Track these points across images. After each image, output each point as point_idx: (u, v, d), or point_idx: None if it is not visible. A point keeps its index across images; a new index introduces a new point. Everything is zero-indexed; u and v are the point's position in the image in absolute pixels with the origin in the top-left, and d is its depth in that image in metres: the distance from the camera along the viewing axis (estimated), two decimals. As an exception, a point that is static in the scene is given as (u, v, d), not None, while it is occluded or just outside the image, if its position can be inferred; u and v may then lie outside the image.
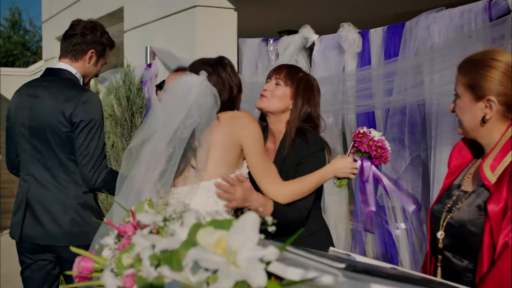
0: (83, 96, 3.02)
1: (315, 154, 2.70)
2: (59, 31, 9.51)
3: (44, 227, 3.06)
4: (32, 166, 3.11)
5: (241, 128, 2.47)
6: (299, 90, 2.80)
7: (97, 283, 1.38)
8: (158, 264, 1.11)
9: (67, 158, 3.05)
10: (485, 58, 1.89)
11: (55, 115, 3.01)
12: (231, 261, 1.00)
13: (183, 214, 1.25)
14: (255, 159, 2.51)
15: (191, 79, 2.44)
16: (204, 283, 1.01)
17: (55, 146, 3.04)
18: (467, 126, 1.94)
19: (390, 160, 4.03)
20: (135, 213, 1.37)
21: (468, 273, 1.88)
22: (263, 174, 2.53)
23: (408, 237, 4.20)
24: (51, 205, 3.06)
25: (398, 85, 3.85)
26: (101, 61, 3.31)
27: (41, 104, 3.07)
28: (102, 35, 3.26)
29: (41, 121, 3.05)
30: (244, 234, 1.01)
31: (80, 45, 3.21)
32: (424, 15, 3.72)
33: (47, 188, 3.07)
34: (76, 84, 3.15)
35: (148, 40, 6.10)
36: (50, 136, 3.03)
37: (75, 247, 2.67)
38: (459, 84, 1.93)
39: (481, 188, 1.90)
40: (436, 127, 3.70)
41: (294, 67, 2.95)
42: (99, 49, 3.25)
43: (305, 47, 4.72)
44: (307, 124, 2.77)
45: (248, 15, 6.05)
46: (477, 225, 1.84)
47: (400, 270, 1.45)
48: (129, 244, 1.29)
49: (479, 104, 1.88)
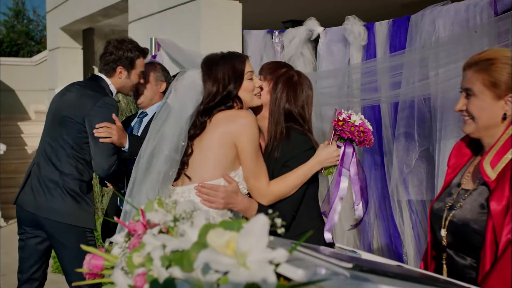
0: (101, 100, 3.43)
1: (301, 155, 2.64)
2: (64, 21, 9.52)
3: (36, 197, 3.48)
4: (46, 145, 3.54)
5: (237, 128, 2.47)
6: (276, 85, 2.73)
7: (108, 280, 1.40)
8: (169, 264, 1.13)
9: (72, 148, 3.46)
10: (501, 56, 1.88)
11: (74, 108, 3.46)
12: (241, 262, 1.01)
13: (193, 213, 1.27)
14: (248, 161, 2.51)
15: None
16: (215, 284, 1.03)
17: (66, 135, 3.46)
18: (483, 124, 1.92)
19: (401, 154, 4.06)
20: (145, 212, 1.38)
21: (471, 270, 1.89)
22: (251, 175, 2.54)
23: (414, 229, 4.22)
24: (48, 181, 3.47)
25: (404, 78, 3.86)
26: (133, 72, 3.64)
27: (67, 98, 3.56)
28: (127, 51, 3.58)
29: (63, 111, 3.51)
30: (254, 236, 1.03)
31: (109, 64, 3.59)
32: (429, 9, 3.72)
33: (50, 166, 3.48)
34: (103, 89, 3.54)
35: (152, 32, 6.10)
36: (65, 126, 3.47)
37: (60, 223, 3.32)
38: (476, 82, 1.91)
39: (482, 186, 1.90)
40: (441, 120, 3.71)
41: (278, 63, 2.91)
42: (127, 63, 3.58)
43: (310, 40, 4.72)
44: (294, 123, 2.70)
45: (253, 6, 6.04)
46: (480, 223, 1.85)
47: (406, 268, 1.47)
48: (139, 243, 1.31)
49: (500, 102, 1.88)
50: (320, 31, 4.57)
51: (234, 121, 2.48)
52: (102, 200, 5.77)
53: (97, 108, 3.40)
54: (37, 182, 3.50)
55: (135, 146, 3.31)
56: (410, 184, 4.12)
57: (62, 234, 3.44)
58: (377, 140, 4.36)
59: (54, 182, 3.46)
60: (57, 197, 3.44)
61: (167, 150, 2.46)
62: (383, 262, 1.51)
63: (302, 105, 2.73)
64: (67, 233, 3.44)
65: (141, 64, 3.66)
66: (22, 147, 11.09)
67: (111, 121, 3.41)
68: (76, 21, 9.26)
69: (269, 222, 1.04)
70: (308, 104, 2.76)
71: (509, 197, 1.75)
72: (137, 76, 3.65)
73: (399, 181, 4.12)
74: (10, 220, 9.22)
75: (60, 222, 3.42)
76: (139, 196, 2.47)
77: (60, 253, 3.52)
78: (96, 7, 8.20)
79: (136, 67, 3.62)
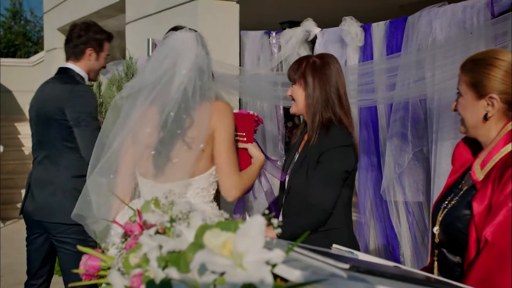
0: (75, 89, 3.44)
1: (334, 150, 2.65)
2: (61, 22, 9.52)
3: (38, 204, 3.49)
4: (39, 149, 3.56)
5: (217, 119, 2.46)
6: (305, 79, 2.76)
7: (104, 281, 1.40)
8: (166, 265, 1.13)
9: (62, 145, 3.45)
10: (487, 57, 1.91)
11: (52, 105, 3.45)
12: (238, 263, 1.02)
13: (190, 214, 1.27)
14: (223, 150, 2.49)
15: (184, 34, 2.50)
16: (212, 285, 1.03)
17: (53, 133, 3.46)
18: (469, 123, 1.97)
19: (394, 154, 4.07)
20: (141, 213, 1.38)
21: (459, 268, 1.92)
22: (226, 164, 2.51)
23: (410, 230, 4.23)
24: (46, 185, 3.48)
25: (400, 80, 3.86)
26: (102, 54, 3.69)
27: (43, 99, 3.56)
28: (96, 32, 3.65)
29: (43, 111, 3.50)
30: (251, 237, 1.03)
31: (79, 47, 3.61)
32: (426, 10, 3.73)
33: (45, 170, 3.50)
34: (73, 79, 3.55)
35: (150, 32, 6.10)
36: (50, 125, 3.47)
37: (59, 224, 3.26)
38: (462, 83, 1.96)
39: (472, 186, 1.93)
40: (438, 121, 3.71)
41: (297, 61, 2.89)
42: (96, 45, 3.63)
43: (307, 40, 4.73)
44: (333, 114, 2.74)
45: (250, 7, 6.04)
46: (464, 222, 1.88)
47: (403, 269, 1.47)
48: (136, 244, 1.31)
49: (482, 102, 1.91)
50: (317, 32, 4.57)
51: (215, 111, 2.49)
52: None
53: (73, 98, 3.41)
54: (36, 188, 3.52)
55: None
56: (407, 185, 4.12)
57: (62, 233, 3.46)
58: (373, 141, 4.37)
59: (52, 184, 3.47)
60: (57, 199, 3.45)
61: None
62: (380, 263, 1.51)
63: (336, 84, 2.75)
64: (67, 233, 3.45)
65: (108, 48, 3.72)
66: (20, 148, 11.07)
67: (90, 108, 3.41)
68: (73, 22, 9.26)
69: (266, 223, 1.04)
70: (340, 78, 2.78)
71: (491, 197, 1.77)
72: (104, 60, 3.71)
73: (395, 181, 4.13)
74: (8, 221, 9.21)
75: (61, 224, 3.43)
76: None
77: (61, 252, 3.53)
78: (93, 8, 8.20)
79: (104, 49, 3.68)
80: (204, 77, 2.42)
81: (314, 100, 2.73)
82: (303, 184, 2.70)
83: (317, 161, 2.67)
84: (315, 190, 2.63)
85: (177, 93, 2.38)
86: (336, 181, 2.65)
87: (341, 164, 2.65)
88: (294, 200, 2.75)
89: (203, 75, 2.42)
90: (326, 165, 2.64)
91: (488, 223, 1.74)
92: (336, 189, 2.65)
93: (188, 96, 2.38)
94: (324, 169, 2.64)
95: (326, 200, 2.62)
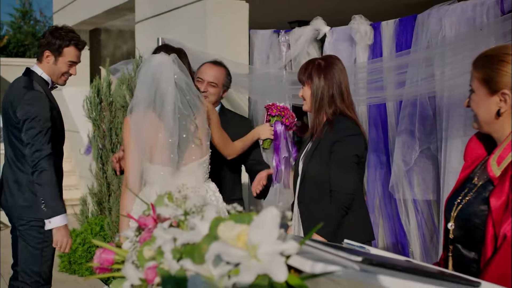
0: (25, 96, 3.45)
1: (346, 138, 2.93)
2: (70, 22, 9.55)
3: (7, 200, 3.60)
4: (7, 148, 3.63)
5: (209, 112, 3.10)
6: (312, 79, 3.04)
7: (118, 274, 1.41)
8: (180, 257, 1.14)
9: (22, 145, 3.48)
10: (499, 53, 1.91)
11: (9, 108, 3.51)
12: (252, 255, 1.03)
13: (203, 208, 1.28)
14: (218, 133, 3.21)
15: (162, 58, 2.95)
16: (226, 276, 1.04)
17: (12, 134, 3.54)
18: (482, 119, 1.97)
19: (401, 152, 4.08)
20: (155, 207, 1.40)
21: (475, 264, 1.91)
22: (223, 140, 3.27)
23: (419, 228, 4.23)
24: (12, 182, 3.56)
25: (409, 77, 3.87)
26: (61, 59, 3.62)
27: (7, 99, 3.58)
28: (57, 37, 3.59)
29: (5, 112, 3.58)
30: (265, 229, 1.04)
31: (39, 48, 3.66)
32: (436, 8, 3.73)
33: (11, 168, 3.58)
34: (28, 84, 3.55)
35: (159, 32, 6.12)
36: (10, 126, 3.54)
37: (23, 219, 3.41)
38: (474, 79, 1.95)
39: (488, 182, 1.93)
40: (447, 119, 3.71)
41: (305, 64, 3.16)
42: (54, 48, 3.58)
43: (317, 39, 4.74)
44: (336, 107, 3.01)
45: (260, 6, 6.05)
46: (481, 218, 1.87)
47: (414, 263, 1.48)
48: (150, 237, 1.32)
49: (494, 98, 1.91)
50: (326, 30, 4.59)
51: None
52: (109, 199, 5.79)
53: (22, 103, 3.43)
54: (6, 186, 3.62)
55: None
56: (416, 183, 4.13)
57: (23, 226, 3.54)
58: (382, 140, 4.37)
59: (18, 182, 3.54)
60: (19, 195, 3.52)
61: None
62: (391, 257, 1.52)
63: (339, 82, 3.02)
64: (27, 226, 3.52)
65: (71, 54, 3.64)
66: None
67: (41, 114, 3.41)
68: (83, 22, 9.30)
69: (279, 215, 1.05)
70: (343, 77, 3.06)
71: (508, 193, 1.77)
72: (65, 65, 3.64)
73: (404, 179, 4.13)
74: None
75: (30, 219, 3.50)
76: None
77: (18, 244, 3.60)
78: (103, 7, 8.23)
79: (64, 55, 3.61)
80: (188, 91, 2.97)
81: (319, 97, 3.02)
82: (316, 171, 2.98)
83: (330, 151, 2.93)
84: (333, 177, 2.92)
85: (174, 110, 2.92)
86: (351, 165, 2.94)
87: (352, 150, 2.93)
88: (309, 186, 3.03)
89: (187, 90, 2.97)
90: (339, 153, 2.93)
91: (506, 219, 1.73)
92: (352, 172, 2.94)
93: (183, 107, 2.95)
94: (337, 157, 2.93)
95: (345, 183, 2.90)
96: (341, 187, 2.90)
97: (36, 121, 3.39)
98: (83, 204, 6.29)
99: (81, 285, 5.55)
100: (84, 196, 6.37)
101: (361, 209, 3.04)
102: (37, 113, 3.41)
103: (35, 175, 3.36)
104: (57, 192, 3.41)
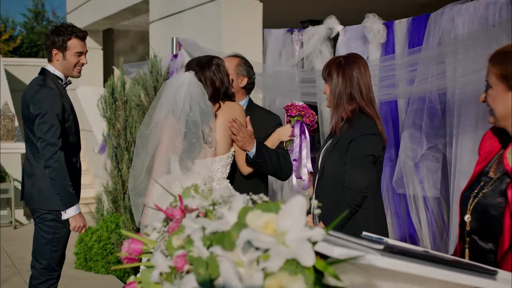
0: (38, 93, 3.61)
1: (361, 138, 2.95)
2: (84, 22, 9.64)
3: (26, 192, 3.79)
4: (26, 144, 3.80)
5: (234, 114, 3.18)
6: (331, 77, 3.06)
7: (146, 264, 1.47)
8: (210, 244, 1.19)
9: (35, 138, 3.64)
10: None
11: (25, 105, 3.70)
12: (281, 241, 1.08)
13: (230, 198, 1.34)
14: (239, 153, 3.27)
15: (183, 76, 3.13)
16: (255, 261, 1.09)
17: (29, 130, 3.69)
18: (499, 114, 2.00)
19: (408, 147, 4.12)
20: (182, 198, 1.45)
21: (492, 254, 1.96)
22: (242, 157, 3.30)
23: (429, 225, 4.26)
24: (29, 175, 3.75)
25: (420, 74, 3.90)
26: (68, 53, 3.80)
27: (24, 97, 3.77)
28: (58, 34, 3.77)
29: (23, 110, 3.76)
30: (293, 217, 1.09)
31: (47, 50, 3.85)
32: (449, 7, 3.75)
33: (29, 162, 3.74)
34: (41, 82, 3.73)
35: (173, 31, 6.18)
36: (27, 122, 3.71)
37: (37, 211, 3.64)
38: (491, 75, 1.98)
39: (504, 174, 1.97)
40: (459, 115, 3.74)
41: (328, 62, 3.17)
42: (59, 45, 3.76)
43: (330, 38, 4.77)
44: (355, 105, 3.02)
45: (273, 5, 6.10)
46: (499, 209, 1.92)
47: (432, 252, 1.52)
48: (178, 227, 1.37)
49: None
50: (339, 29, 4.62)
51: (232, 108, 3.23)
52: (124, 197, 5.85)
53: (34, 100, 3.60)
54: (26, 179, 3.79)
55: (260, 156, 3.33)
56: (425, 180, 4.15)
57: (38, 218, 3.72)
58: (393, 136, 4.40)
59: (33, 176, 3.71)
60: (34, 188, 3.70)
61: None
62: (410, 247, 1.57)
63: (357, 79, 3.03)
64: (41, 218, 3.70)
65: (76, 45, 3.79)
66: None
67: (51, 110, 3.57)
68: (96, 22, 9.37)
69: (307, 204, 1.10)
70: (363, 74, 3.05)
71: None
72: (74, 57, 3.80)
73: (414, 176, 4.16)
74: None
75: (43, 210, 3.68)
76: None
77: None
78: (116, 8, 8.30)
79: (69, 48, 3.77)
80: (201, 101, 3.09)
81: (337, 94, 3.04)
82: (335, 167, 3.02)
83: (347, 148, 2.96)
84: (346, 174, 2.95)
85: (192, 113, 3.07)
86: (365, 164, 2.95)
87: (367, 149, 2.95)
88: (327, 182, 3.07)
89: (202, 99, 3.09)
90: (354, 151, 2.95)
91: None
92: (367, 171, 2.95)
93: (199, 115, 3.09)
94: (352, 154, 2.95)
95: (358, 181, 2.93)
96: (353, 184, 2.93)
97: (47, 116, 3.56)
98: (99, 202, 6.35)
99: (97, 281, 5.61)
100: (99, 194, 6.43)
101: (375, 207, 3.06)
102: (48, 108, 3.57)
103: (48, 169, 3.55)
104: (69, 185, 3.58)
